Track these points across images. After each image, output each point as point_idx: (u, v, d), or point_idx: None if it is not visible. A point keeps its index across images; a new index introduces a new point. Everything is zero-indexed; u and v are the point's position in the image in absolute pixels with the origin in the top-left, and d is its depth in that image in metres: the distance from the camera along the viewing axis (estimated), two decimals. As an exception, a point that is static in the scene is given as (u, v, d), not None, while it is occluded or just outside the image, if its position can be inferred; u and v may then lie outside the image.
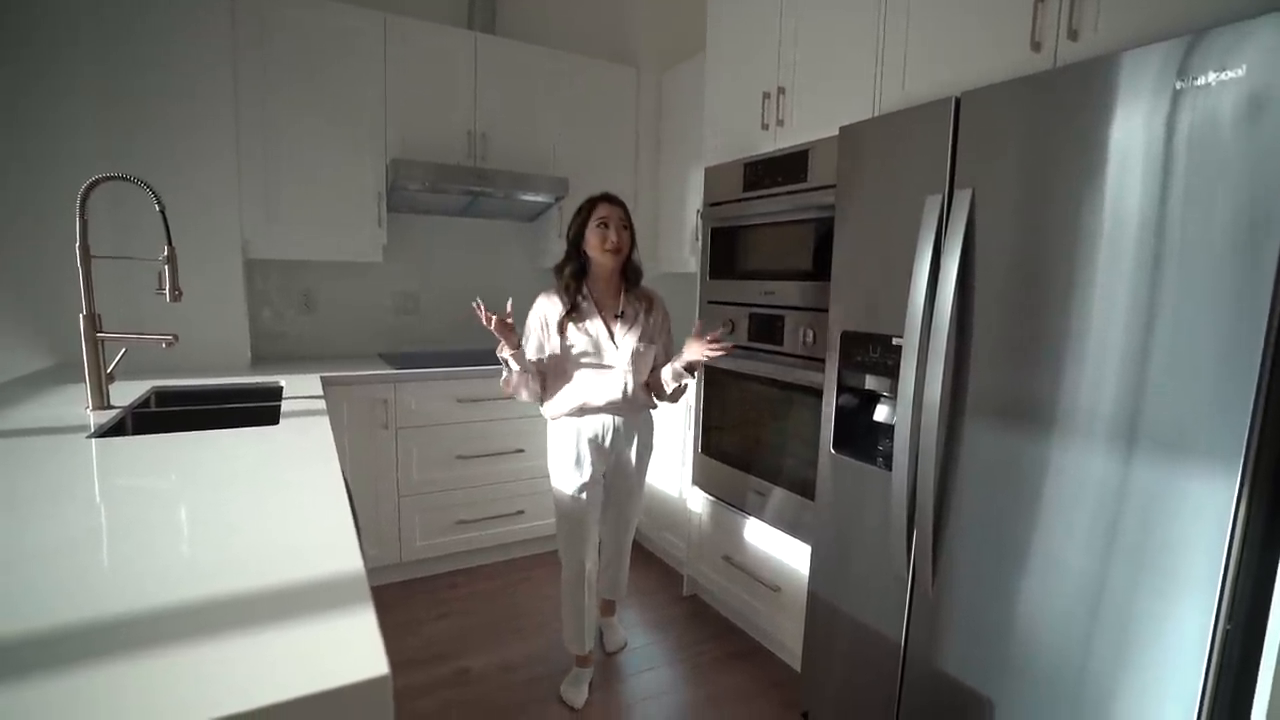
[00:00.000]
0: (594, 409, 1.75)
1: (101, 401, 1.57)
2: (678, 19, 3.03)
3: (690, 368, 1.76)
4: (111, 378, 1.61)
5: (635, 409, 1.81)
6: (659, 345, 1.83)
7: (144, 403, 1.77)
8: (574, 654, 1.89)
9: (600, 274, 1.77)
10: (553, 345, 1.75)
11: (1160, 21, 1.10)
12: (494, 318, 1.64)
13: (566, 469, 1.79)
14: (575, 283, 1.75)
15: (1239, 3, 1.00)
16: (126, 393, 1.74)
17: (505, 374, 1.75)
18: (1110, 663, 1.07)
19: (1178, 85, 0.93)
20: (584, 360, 1.74)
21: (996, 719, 1.24)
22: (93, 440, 1.29)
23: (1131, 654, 1.04)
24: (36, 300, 2.04)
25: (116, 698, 0.51)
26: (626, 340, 1.76)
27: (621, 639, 2.12)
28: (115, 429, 1.47)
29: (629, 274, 1.81)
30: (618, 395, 1.74)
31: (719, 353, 1.66)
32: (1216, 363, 0.92)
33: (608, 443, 1.79)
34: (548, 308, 1.76)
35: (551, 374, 1.78)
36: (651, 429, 1.90)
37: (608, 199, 1.75)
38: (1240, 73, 0.87)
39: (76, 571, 0.72)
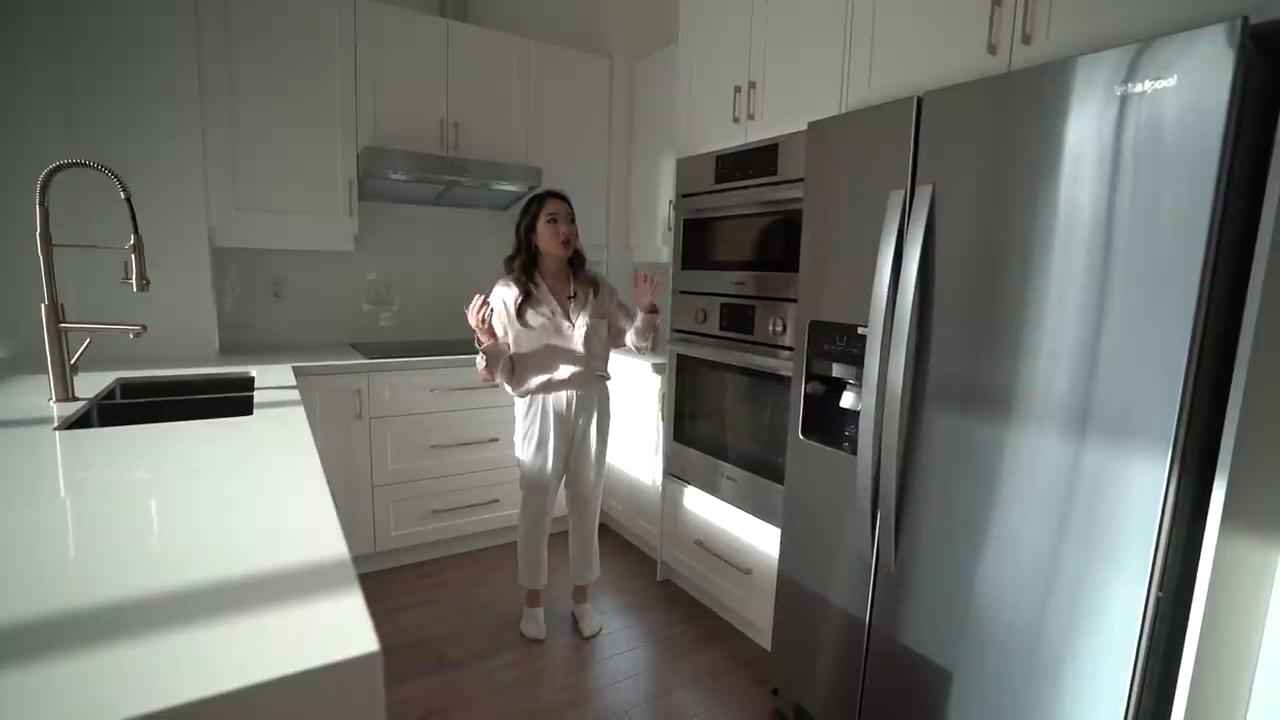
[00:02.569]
0: (558, 384, 1.93)
1: (65, 393, 1.54)
2: (650, 8, 3.03)
3: (651, 309, 1.96)
4: (75, 369, 1.58)
5: (592, 382, 1.99)
6: (620, 310, 2.05)
7: (109, 394, 1.74)
8: (528, 589, 2.12)
9: (550, 263, 1.94)
10: (515, 330, 1.90)
11: (1106, 29, 1.16)
12: (481, 313, 1.76)
13: (531, 439, 1.97)
14: (527, 273, 1.91)
15: (1174, 16, 1.06)
16: (90, 384, 1.70)
17: (483, 362, 1.87)
18: (1059, 631, 1.14)
19: (1118, 91, 0.99)
20: (544, 340, 1.91)
21: (954, 688, 1.31)
22: (58, 433, 1.27)
23: (1078, 622, 1.11)
24: (-9, 289, 1.98)
25: (106, 680, 0.52)
26: (581, 319, 1.94)
27: (597, 624, 2.16)
28: (81, 421, 1.44)
29: (574, 260, 1.98)
30: (579, 367, 1.93)
31: (651, 289, 1.92)
32: (1153, 351, 0.99)
33: (570, 414, 1.97)
34: (506, 295, 1.91)
35: (516, 356, 1.94)
36: (608, 401, 2.07)
37: (555, 195, 1.92)
38: (1171, 82, 0.93)
39: (48, 564, 0.71)
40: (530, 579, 2.11)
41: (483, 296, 1.80)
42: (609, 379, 2.07)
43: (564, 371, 1.92)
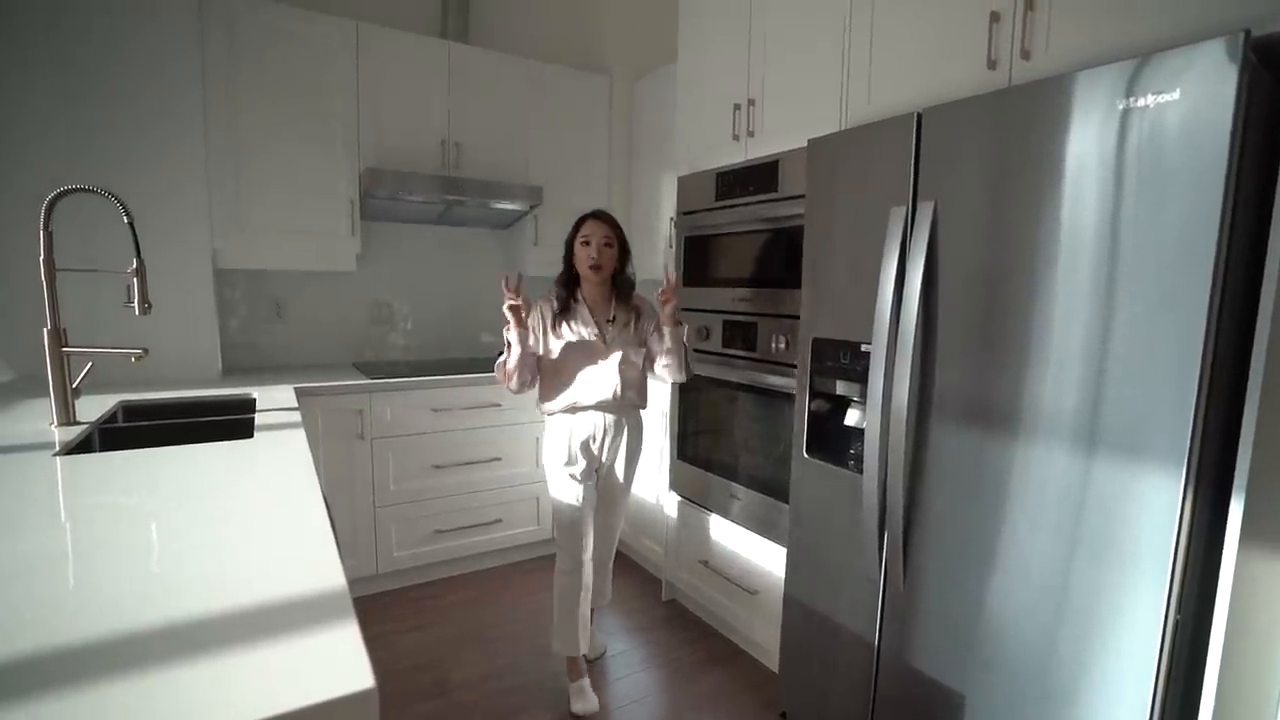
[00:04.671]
0: (584, 407, 1.82)
1: (67, 417, 1.53)
2: (649, 28, 3.06)
3: (674, 324, 1.81)
4: (77, 393, 1.57)
5: (625, 408, 1.87)
6: (657, 336, 1.88)
7: (111, 418, 1.73)
8: (568, 657, 1.88)
9: (591, 285, 1.85)
10: (548, 344, 1.83)
11: (1105, 44, 1.16)
12: (513, 293, 1.69)
13: (560, 464, 1.85)
14: (569, 290, 1.85)
15: (1174, 30, 1.06)
16: (92, 408, 1.70)
17: (503, 355, 1.80)
18: (1074, 654, 1.11)
19: (1120, 106, 0.99)
20: (577, 357, 1.81)
21: (967, 712, 1.28)
22: (58, 458, 1.26)
23: (1094, 644, 1.08)
24: (-5, 313, 1.99)
25: (95, 718, 0.51)
26: (617, 343, 1.83)
27: (601, 645, 2.12)
28: (82, 445, 1.43)
29: (619, 284, 1.88)
30: (607, 395, 1.81)
31: (668, 298, 1.76)
32: (1164, 366, 0.97)
33: (598, 441, 1.86)
34: (545, 308, 1.85)
35: (547, 372, 1.85)
36: (641, 430, 1.96)
37: (595, 216, 1.84)
38: (1174, 96, 0.92)
39: (45, 594, 0.71)
40: (569, 643, 1.86)
41: (516, 274, 1.74)
42: (644, 408, 1.94)
43: (592, 395, 1.81)
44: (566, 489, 1.84)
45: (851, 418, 1.53)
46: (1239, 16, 0.96)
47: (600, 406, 1.83)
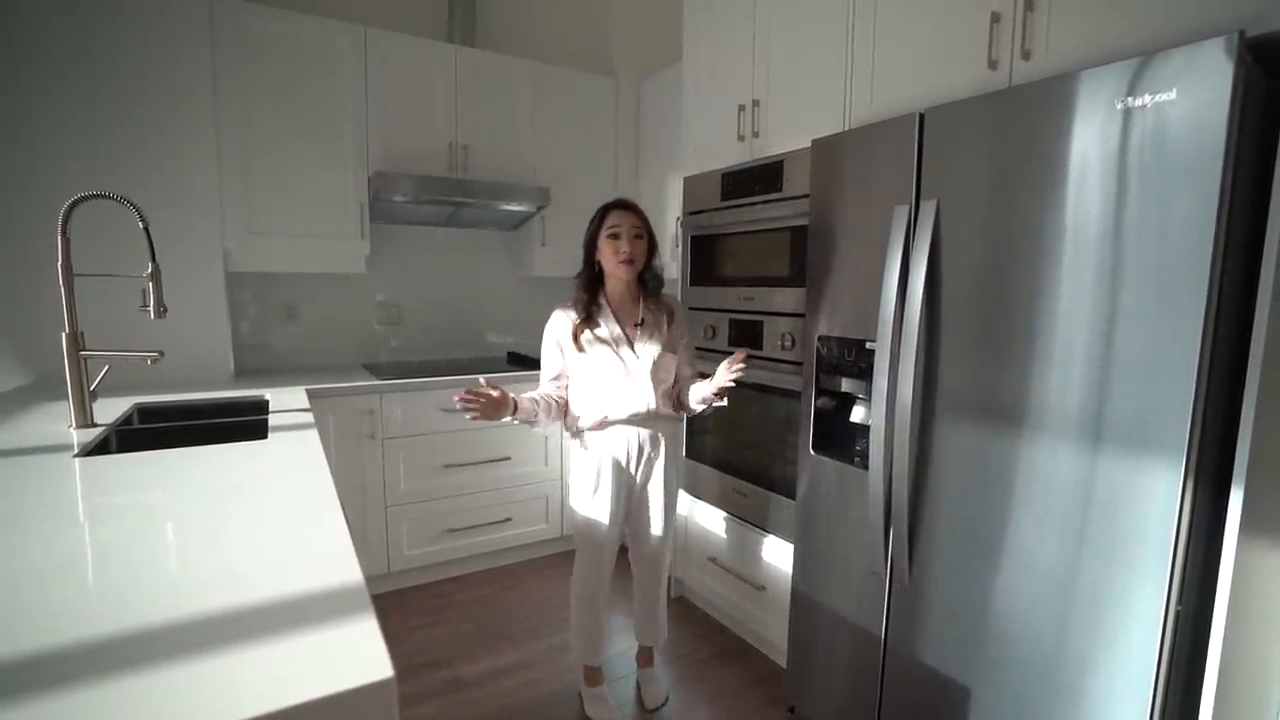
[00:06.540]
0: (615, 422, 1.67)
1: (85, 420, 1.57)
2: (655, 29, 3.08)
3: (720, 393, 1.62)
4: (94, 395, 1.61)
5: (659, 421, 1.71)
6: (680, 355, 1.75)
7: (127, 420, 1.76)
8: (586, 665, 1.83)
9: (616, 284, 1.69)
10: (570, 358, 1.68)
11: (1104, 45, 1.17)
12: (479, 402, 1.51)
13: (587, 486, 1.71)
14: (589, 293, 1.69)
15: (1171, 30, 1.07)
16: (108, 410, 1.73)
17: (517, 422, 1.65)
18: (1077, 646, 1.12)
19: (1119, 105, 1.00)
20: (604, 371, 1.65)
21: (973, 706, 1.29)
22: (78, 460, 1.29)
23: (1099, 638, 1.10)
24: (13, 317, 2.03)
25: (122, 710, 0.52)
26: (647, 349, 1.67)
27: (662, 695, 1.90)
28: (100, 447, 1.46)
29: (647, 282, 1.71)
30: (640, 408, 1.66)
31: (738, 371, 1.55)
32: (1164, 361, 0.98)
33: (632, 460, 1.70)
34: (563, 322, 1.68)
35: (572, 388, 1.71)
36: (679, 443, 1.81)
37: (620, 205, 1.68)
38: (1172, 96, 0.94)
39: (70, 591, 0.73)
40: (587, 652, 1.80)
41: (459, 395, 1.52)
42: (679, 419, 1.78)
43: (623, 409, 1.65)
44: (593, 509, 1.70)
45: (857, 414, 1.55)
46: (1234, 16, 0.97)
47: (633, 420, 1.67)
